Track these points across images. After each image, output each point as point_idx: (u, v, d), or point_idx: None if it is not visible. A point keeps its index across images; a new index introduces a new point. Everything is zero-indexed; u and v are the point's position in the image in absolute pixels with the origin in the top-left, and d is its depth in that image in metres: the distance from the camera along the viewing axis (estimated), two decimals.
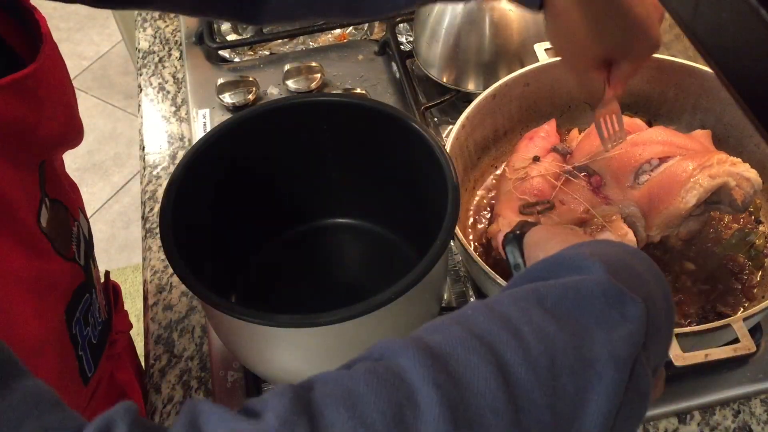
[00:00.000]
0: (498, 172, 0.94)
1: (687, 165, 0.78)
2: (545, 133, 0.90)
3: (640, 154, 0.81)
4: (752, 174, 0.78)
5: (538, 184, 0.83)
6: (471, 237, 0.87)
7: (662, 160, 0.80)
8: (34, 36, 0.60)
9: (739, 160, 0.79)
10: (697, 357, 0.65)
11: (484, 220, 0.89)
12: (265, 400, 0.36)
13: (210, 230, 0.75)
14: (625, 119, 0.86)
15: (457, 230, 0.72)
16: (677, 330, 0.66)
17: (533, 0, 0.65)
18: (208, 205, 0.74)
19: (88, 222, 0.72)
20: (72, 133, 0.63)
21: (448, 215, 0.64)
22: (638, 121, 0.87)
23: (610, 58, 0.69)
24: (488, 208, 0.90)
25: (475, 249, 0.77)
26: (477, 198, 0.91)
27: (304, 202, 0.84)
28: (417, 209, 0.76)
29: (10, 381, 0.36)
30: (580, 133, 0.91)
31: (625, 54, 0.69)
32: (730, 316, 0.69)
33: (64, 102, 0.62)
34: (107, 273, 0.80)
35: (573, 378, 0.38)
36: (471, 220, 0.89)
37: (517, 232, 0.57)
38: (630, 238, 0.78)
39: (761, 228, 0.85)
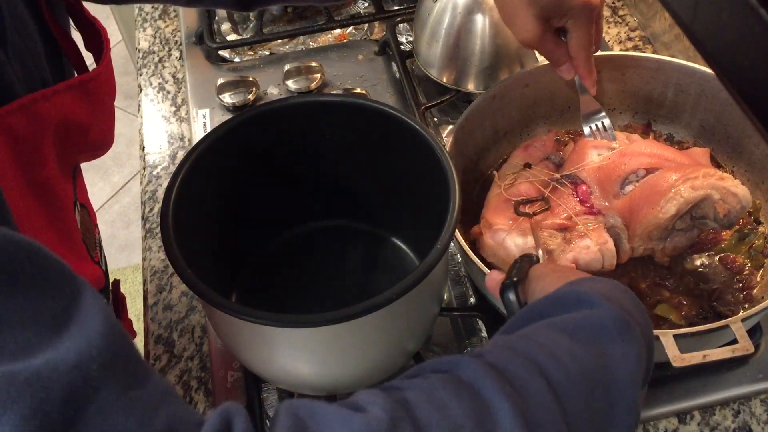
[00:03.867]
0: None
1: (670, 176, 0.77)
2: (541, 144, 0.90)
3: (626, 164, 0.81)
4: (740, 190, 0.76)
5: (525, 190, 0.84)
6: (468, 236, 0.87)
7: (649, 171, 0.80)
8: (75, 46, 0.64)
9: (729, 176, 0.78)
10: (695, 358, 0.65)
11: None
12: (363, 399, 0.41)
13: (210, 230, 0.75)
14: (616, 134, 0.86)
15: (456, 231, 0.72)
16: (676, 331, 0.66)
17: None
18: (209, 205, 0.74)
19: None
20: (108, 140, 0.66)
21: (448, 216, 0.64)
22: (633, 136, 0.88)
23: (550, 18, 0.76)
24: None
25: (473, 249, 0.78)
26: (475, 198, 0.91)
27: (304, 203, 0.84)
28: (417, 210, 0.76)
29: (145, 375, 0.40)
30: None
31: (562, 12, 0.75)
32: (729, 317, 0.69)
33: (110, 109, 0.65)
34: (117, 282, 0.81)
35: (604, 395, 0.44)
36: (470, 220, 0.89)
37: (514, 279, 0.56)
38: (609, 246, 0.77)
39: (761, 228, 0.85)
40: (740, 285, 0.80)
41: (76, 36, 0.65)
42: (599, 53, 0.86)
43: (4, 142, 0.51)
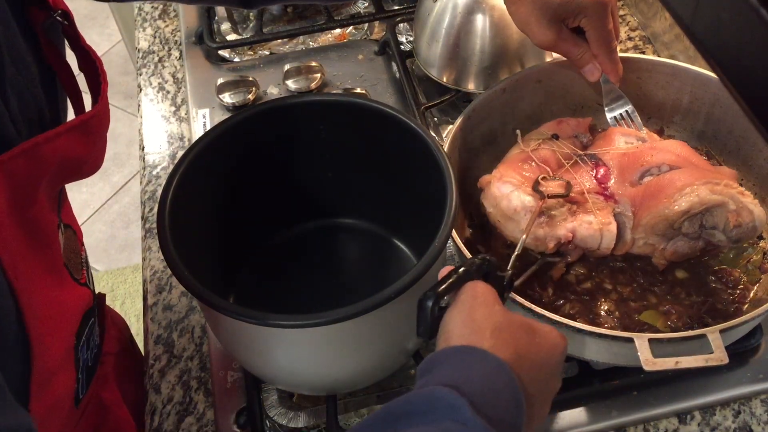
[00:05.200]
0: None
1: (691, 174, 0.76)
2: (575, 123, 0.89)
3: (653, 156, 0.80)
4: (758, 209, 0.74)
5: (546, 156, 0.83)
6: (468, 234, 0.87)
7: (672, 168, 0.79)
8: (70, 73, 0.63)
9: (750, 194, 0.76)
10: (667, 363, 0.64)
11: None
12: None
13: (208, 230, 0.75)
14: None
15: (453, 230, 0.72)
16: (652, 335, 0.66)
17: None
18: (207, 206, 0.74)
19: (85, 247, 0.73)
20: (100, 163, 0.65)
21: (446, 215, 0.64)
22: (654, 136, 0.87)
23: (565, 19, 0.77)
24: None
25: (469, 248, 0.77)
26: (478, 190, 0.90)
27: (302, 202, 0.84)
28: (415, 209, 0.76)
29: None
30: None
31: (576, 10, 0.76)
32: None
33: (105, 139, 0.64)
34: (102, 296, 0.81)
35: None
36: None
37: (438, 290, 0.55)
38: (611, 228, 0.77)
39: (762, 244, 0.83)
40: (733, 298, 0.78)
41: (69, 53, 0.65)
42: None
43: (3, 187, 0.50)
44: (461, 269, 0.57)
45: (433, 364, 0.52)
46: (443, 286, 0.56)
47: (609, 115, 0.88)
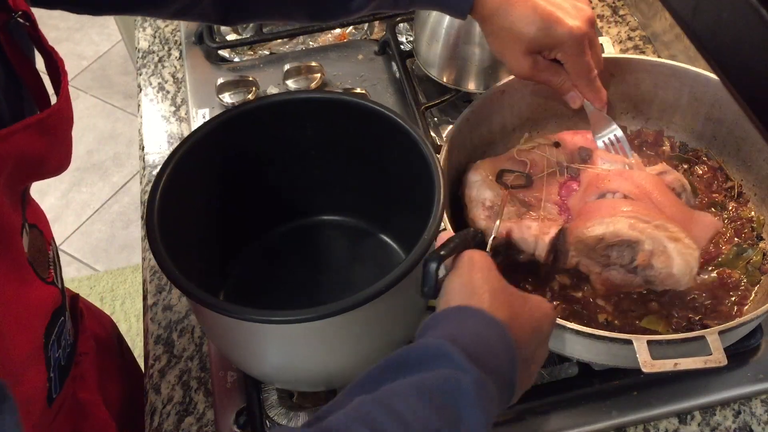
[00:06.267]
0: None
1: (625, 205, 0.76)
2: (587, 141, 0.89)
3: (612, 181, 0.80)
4: (681, 259, 0.71)
5: (535, 158, 0.85)
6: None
7: (626, 197, 0.78)
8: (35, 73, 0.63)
9: (689, 242, 0.73)
10: (666, 365, 0.65)
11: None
12: None
13: (197, 229, 0.75)
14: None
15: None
16: (650, 337, 0.66)
17: (462, 7, 0.75)
18: (195, 204, 0.74)
19: (56, 246, 0.73)
20: (65, 164, 0.65)
21: (434, 209, 0.65)
22: (641, 164, 0.86)
23: (540, 52, 0.78)
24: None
25: None
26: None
27: (292, 200, 0.84)
28: (403, 204, 0.76)
29: None
30: None
31: (549, 45, 0.77)
32: None
33: (68, 137, 0.64)
34: (76, 296, 0.81)
35: None
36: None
37: (441, 253, 0.58)
38: (545, 239, 0.77)
39: (761, 245, 0.83)
40: (734, 300, 0.78)
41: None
42: (614, 56, 0.85)
43: None
44: (461, 234, 0.61)
45: (432, 324, 0.55)
46: (445, 250, 0.59)
47: (599, 141, 0.87)
